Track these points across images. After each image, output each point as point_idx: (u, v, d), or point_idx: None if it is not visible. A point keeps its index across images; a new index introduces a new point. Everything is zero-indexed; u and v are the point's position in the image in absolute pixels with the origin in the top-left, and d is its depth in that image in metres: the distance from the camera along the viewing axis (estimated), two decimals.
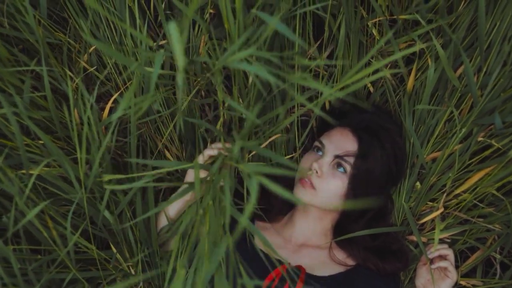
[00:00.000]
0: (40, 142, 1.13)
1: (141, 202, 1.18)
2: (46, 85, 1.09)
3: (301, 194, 1.28)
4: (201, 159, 1.24)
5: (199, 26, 1.39)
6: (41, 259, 1.12)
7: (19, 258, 1.13)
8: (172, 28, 0.56)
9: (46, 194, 1.12)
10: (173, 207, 1.31)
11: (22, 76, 1.16)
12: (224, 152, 1.16)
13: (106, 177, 0.96)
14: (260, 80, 0.99)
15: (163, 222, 1.31)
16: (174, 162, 0.99)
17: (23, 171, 1.08)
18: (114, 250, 1.16)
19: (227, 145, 1.21)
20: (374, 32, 1.33)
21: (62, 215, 1.18)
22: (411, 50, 0.74)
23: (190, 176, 1.31)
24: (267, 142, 1.40)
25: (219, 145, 1.26)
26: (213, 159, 1.23)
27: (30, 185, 1.00)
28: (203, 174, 1.22)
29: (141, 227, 1.19)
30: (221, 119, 1.24)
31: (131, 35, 1.38)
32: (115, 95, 1.27)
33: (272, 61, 0.68)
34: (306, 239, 1.36)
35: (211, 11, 1.41)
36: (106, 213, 1.08)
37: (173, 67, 1.47)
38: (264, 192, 1.41)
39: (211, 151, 1.24)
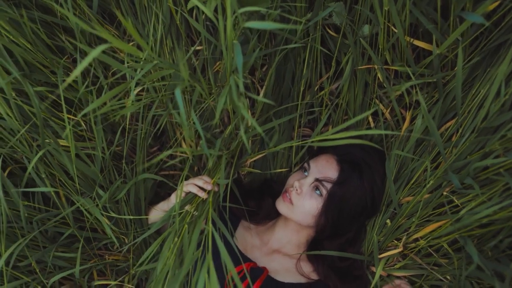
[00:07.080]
0: None
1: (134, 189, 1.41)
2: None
3: (281, 206, 1.43)
4: (184, 188, 1.36)
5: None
6: (47, 213, 1.40)
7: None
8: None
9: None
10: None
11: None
12: (204, 195, 1.32)
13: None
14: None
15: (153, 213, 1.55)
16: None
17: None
18: (107, 221, 1.40)
19: (210, 187, 1.35)
20: (379, 75, 1.41)
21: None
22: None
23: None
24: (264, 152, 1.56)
25: (201, 182, 1.35)
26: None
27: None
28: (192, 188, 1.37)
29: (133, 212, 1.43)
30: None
31: (172, 39, 1.58)
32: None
33: None
34: (280, 246, 1.51)
35: None
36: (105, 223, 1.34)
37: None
38: (255, 196, 1.59)
39: (192, 188, 1.35)
